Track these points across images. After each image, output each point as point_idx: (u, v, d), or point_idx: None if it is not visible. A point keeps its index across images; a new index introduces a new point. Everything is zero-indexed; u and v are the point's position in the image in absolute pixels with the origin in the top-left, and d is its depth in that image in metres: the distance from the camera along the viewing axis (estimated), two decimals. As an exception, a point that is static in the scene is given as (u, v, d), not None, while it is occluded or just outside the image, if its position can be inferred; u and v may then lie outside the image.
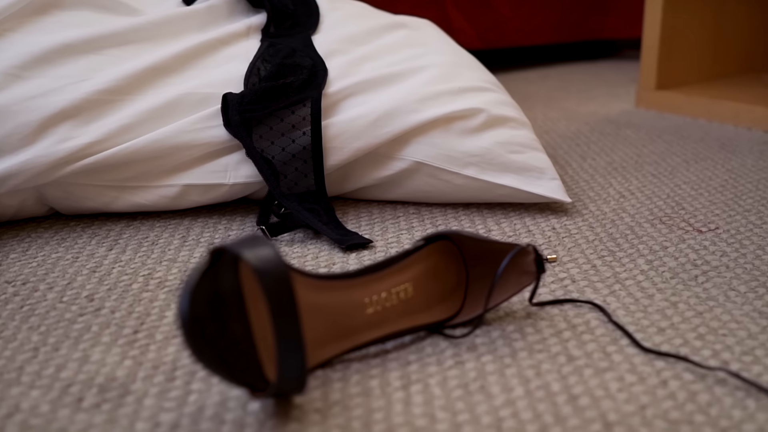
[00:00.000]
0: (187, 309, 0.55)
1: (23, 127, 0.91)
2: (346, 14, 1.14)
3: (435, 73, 1.03)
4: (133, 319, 0.75)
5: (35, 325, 0.74)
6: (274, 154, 0.95)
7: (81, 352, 0.70)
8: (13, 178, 0.91)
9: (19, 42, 0.95)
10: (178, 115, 0.96)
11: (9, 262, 0.87)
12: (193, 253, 0.89)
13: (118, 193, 0.97)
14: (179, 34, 1.03)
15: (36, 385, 0.65)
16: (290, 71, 0.99)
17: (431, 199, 1.01)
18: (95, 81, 0.95)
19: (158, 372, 0.66)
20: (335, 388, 0.64)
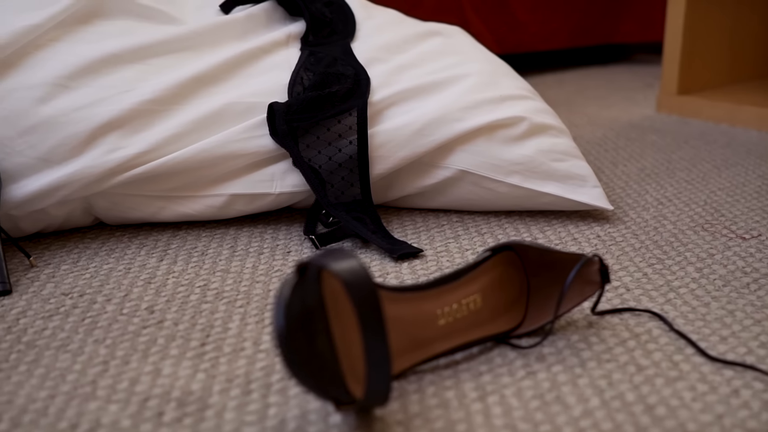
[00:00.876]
0: (283, 324, 0.55)
1: (72, 138, 0.91)
2: (380, 22, 1.14)
3: (475, 82, 1.03)
4: (198, 332, 0.75)
5: (100, 338, 0.74)
6: (320, 163, 0.95)
7: (152, 366, 0.70)
8: (62, 188, 0.91)
9: (65, 52, 0.95)
10: (224, 125, 0.96)
11: (62, 273, 0.87)
12: (244, 264, 0.89)
13: (165, 203, 0.97)
14: (220, 42, 1.03)
15: (113, 400, 0.65)
16: (334, 80, 0.99)
17: (473, 207, 1.02)
18: (141, 91, 0.95)
19: (233, 385, 0.67)
20: (413, 400, 0.65)
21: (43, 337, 0.74)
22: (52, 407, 0.64)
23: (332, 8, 1.12)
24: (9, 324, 0.77)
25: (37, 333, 0.75)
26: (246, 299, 0.81)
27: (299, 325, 0.57)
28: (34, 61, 0.94)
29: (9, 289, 0.83)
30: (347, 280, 0.57)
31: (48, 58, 0.95)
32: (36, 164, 0.91)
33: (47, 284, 0.85)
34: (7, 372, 0.69)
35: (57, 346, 0.73)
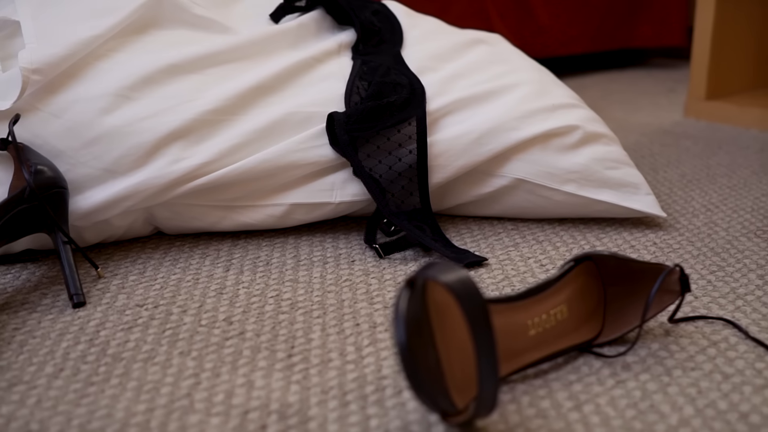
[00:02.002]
0: (404, 338, 0.56)
1: (136, 149, 0.92)
2: (425, 31, 1.15)
3: (528, 91, 1.04)
4: (281, 343, 0.76)
5: (186, 350, 0.75)
6: (381, 172, 0.96)
7: (243, 378, 0.70)
8: (127, 199, 0.91)
9: (126, 62, 0.96)
10: (284, 135, 0.97)
11: (131, 284, 0.88)
12: (312, 273, 0.89)
13: (226, 212, 0.97)
14: (274, 52, 1.04)
15: (212, 413, 0.66)
16: (391, 90, 1.00)
17: (527, 214, 1.03)
18: (202, 101, 0.95)
19: (329, 397, 0.67)
20: (510, 411, 0.66)
21: (128, 349, 0.75)
22: (153, 421, 0.64)
23: (379, 17, 1.13)
24: (90, 336, 0.77)
25: (120, 345, 0.75)
26: (322, 309, 0.82)
27: (415, 338, 0.58)
28: (94, 72, 0.94)
29: (84, 300, 0.83)
30: (459, 292, 0.58)
31: (109, 68, 0.95)
32: (101, 175, 0.91)
33: (119, 295, 0.85)
34: (100, 385, 0.69)
35: (144, 359, 0.73)
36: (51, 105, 0.92)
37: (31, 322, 0.80)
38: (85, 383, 0.69)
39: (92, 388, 0.69)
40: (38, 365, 0.72)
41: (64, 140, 0.91)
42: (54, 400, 0.67)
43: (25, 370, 0.72)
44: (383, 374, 0.70)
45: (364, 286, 0.86)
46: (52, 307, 0.83)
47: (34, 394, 0.68)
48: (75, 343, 0.76)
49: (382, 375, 0.70)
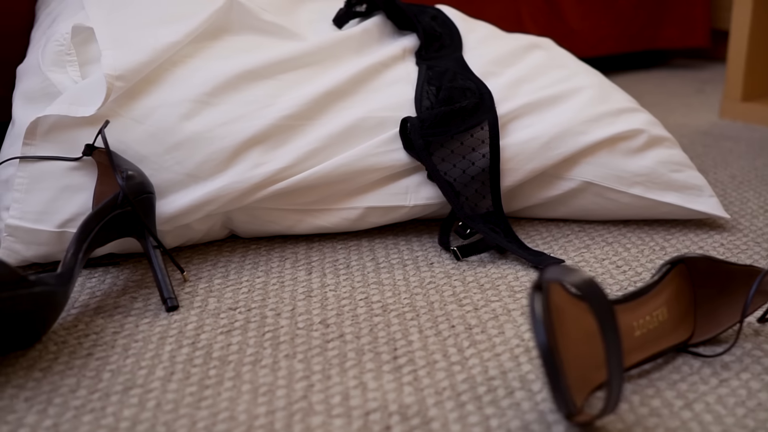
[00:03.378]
0: (545, 340, 0.57)
1: (218, 154, 0.93)
2: (481, 35, 1.16)
3: (592, 95, 1.06)
4: (383, 345, 0.77)
5: (290, 353, 0.76)
6: (455, 176, 0.98)
7: (355, 380, 0.71)
8: (210, 203, 0.92)
9: (202, 68, 0.97)
10: (358, 139, 0.98)
11: (218, 287, 0.89)
12: (394, 276, 0.91)
13: (302, 216, 0.98)
14: (341, 57, 1.05)
15: (333, 414, 0.67)
16: (460, 94, 1.01)
17: (593, 216, 1.05)
18: (279, 106, 0.96)
19: (444, 398, 0.69)
20: (624, 410, 0.67)
21: (232, 352, 0.76)
22: (277, 423, 0.66)
23: (438, 22, 1.14)
24: (192, 340, 0.78)
25: (223, 348, 0.77)
26: (414, 312, 0.83)
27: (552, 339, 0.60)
28: (173, 78, 0.95)
29: (177, 304, 0.84)
30: (588, 293, 0.59)
31: (186, 74, 0.96)
32: (184, 180, 0.92)
33: (209, 299, 0.86)
34: (215, 388, 0.70)
35: (251, 362, 0.74)
36: (133, 111, 0.93)
37: (129, 325, 0.81)
38: (199, 386, 0.71)
39: (208, 391, 0.70)
40: (148, 369, 0.73)
41: (148, 146, 0.92)
42: (173, 403, 0.68)
43: (136, 373, 0.73)
44: (491, 375, 0.72)
45: (449, 289, 0.88)
46: (146, 311, 0.84)
47: (152, 397, 0.69)
48: (179, 347, 0.77)
49: (490, 376, 0.72)
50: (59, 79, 0.94)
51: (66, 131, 0.92)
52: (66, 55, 0.95)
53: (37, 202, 0.91)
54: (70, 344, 0.78)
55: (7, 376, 0.73)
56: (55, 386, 0.71)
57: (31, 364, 0.74)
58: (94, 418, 0.67)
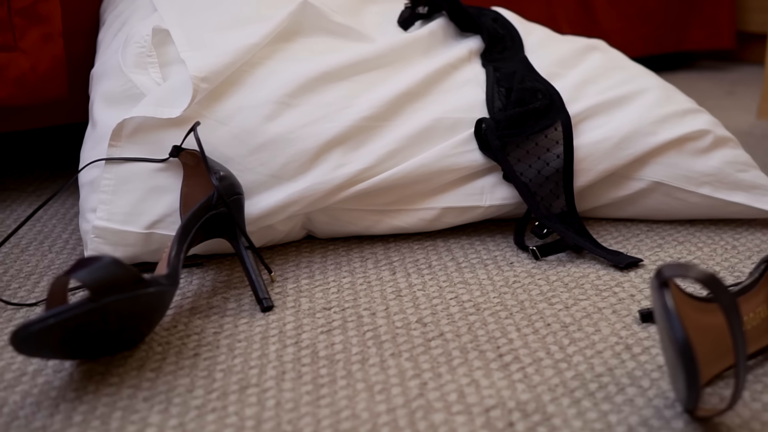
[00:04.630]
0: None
1: (301, 155, 0.94)
2: (539, 37, 1.17)
3: (657, 96, 1.07)
4: (485, 343, 0.78)
5: (396, 352, 0.77)
6: (530, 176, 0.99)
7: (466, 377, 0.73)
8: (294, 204, 0.93)
9: (280, 70, 0.97)
10: (434, 140, 0.99)
11: (306, 287, 0.90)
12: (478, 275, 0.92)
13: (380, 216, 0.99)
14: (410, 59, 1.06)
15: (453, 412, 0.68)
16: (531, 96, 1.03)
17: (661, 216, 1.06)
18: (357, 108, 0.97)
19: (558, 395, 0.70)
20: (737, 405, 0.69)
21: (337, 351, 0.77)
22: (401, 420, 0.67)
23: (499, 24, 1.16)
24: (294, 339, 0.79)
25: (328, 348, 0.78)
26: (506, 310, 0.84)
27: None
28: (252, 80, 0.96)
29: (272, 304, 0.85)
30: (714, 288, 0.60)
31: (265, 76, 0.97)
32: (268, 181, 0.93)
33: (300, 299, 0.87)
34: (330, 387, 0.71)
35: (358, 360, 0.75)
36: (216, 112, 0.93)
37: (228, 325, 0.82)
38: (314, 385, 0.71)
39: (324, 389, 0.71)
40: (259, 368, 0.74)
41: (232, 147, 0.93)
42: (292, 402, 0.69)
43: (247, 373, 0.74)
44: (598, 372, 0.73)
45: (535, 288, 0.89)
46: (241, 311, 0.85)
47: (270, 396, 0.70)
48: (283, 346, 0.78)
49: (598, 373, 0.73)
50: (142, 80, 0.95)
51: (151, 133, 0.92)
52: (147, 57, 0.96)
53: (125, 204, 0.91)
54: (174, 345, 0.79)
55: (120, 377, 0.73)
56: (170, 386, 0.72)
57: (141, 365, 0.75)
58: (218, 417, 0.67)
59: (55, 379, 0.73)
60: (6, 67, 1.06)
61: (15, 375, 0.74)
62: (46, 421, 0.67)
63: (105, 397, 0.70)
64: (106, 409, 0.69)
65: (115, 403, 0.70)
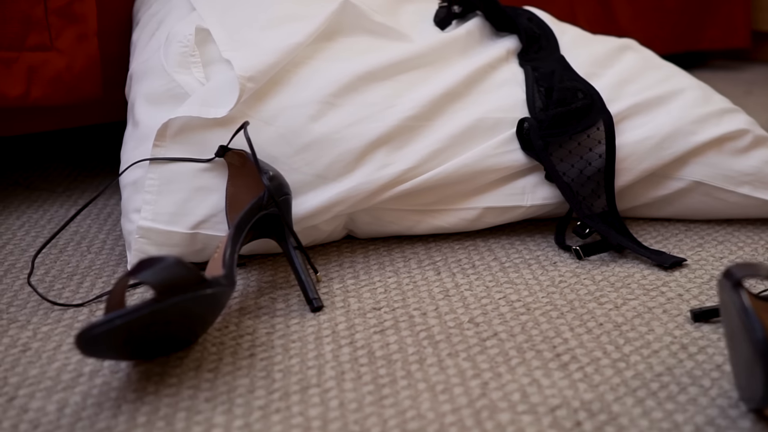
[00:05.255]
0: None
1: (346, 155, 0.94)
2: (573, 37, 1.17)
3: (695, 95, 1.08)
4: (541, 343, 0.78)
5: (452, 352, 0.77)
6: (573, 176, 0.99)
7: (526, 377, 0.72)
8: (339, 204, 0.93)
9: (324, 70, 0.97)
10: (476, 140, 0.99)
11: (352, 287, 0.89)
12: (522, 275, 0.92)
13: (421, 216, 0.99)
14: (449, 59, 1.06)
15: (519, 411, 0.68)
16: (572, 95, 1.03)
17: (699, 216, 1.06)
18: (400, 108, 0.97)
19: (621, 394, 0.70)
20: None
21: (393, 351, 0.77)
22: (467, 420, 0.67)
23: (534, 23, 1.16)
24: (348, 339, 0.79)
25: (383, 348, 0.77)
26: (556, 310, 0.84)
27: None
28: (297, 79, 0.96)
29: (322, 304, 0.85)
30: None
31: (309, 76, 0.96)
32: (313, 181, 0.93)
33: (349, 299, 0.87)
34: (391, 387, 0.71)
35: (416, 360, 0.75)
36: (261, 112, 0.93)
37: (279, 326, 0.82)
38: (375, 385, 0.71)
39: (385, 390, 0.71)
40: (317, 368, 0.74)
41: (278, 147, 0.92)
42: (356, 402, 0.69)
43: (306, 373, 0.73)
44: (657, 372, 0.73)
45: (582, 287, 0.89)
46: (290, 311, 0.84)
47: (332, 396, 0.70)
48: (338, 347, 0.78)
49: (657, 372, 0.73)
50: (185, 80, 0.94)
51: (195, 133, 0.92)
52: (190, 56, 0.96)
53: (170, 204, 0.91)
54: (228, 345, 0.78)
55: (179, 377, 0.73)
56: (231, 386, 0.71)
57: (198, 365, 0.75)
58: (283, 418, 0.67)
59: (113, 379, 0.73)
60: (42, 67, 1.06)
61: (72, 376, 0.73)
62: (110, 422, 0.67)
63: (166, 397, 0.70)
64: (168, 410, 0.68)
65: (177, 403, 0.69)
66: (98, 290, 0.90)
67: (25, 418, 0.68)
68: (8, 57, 1.04)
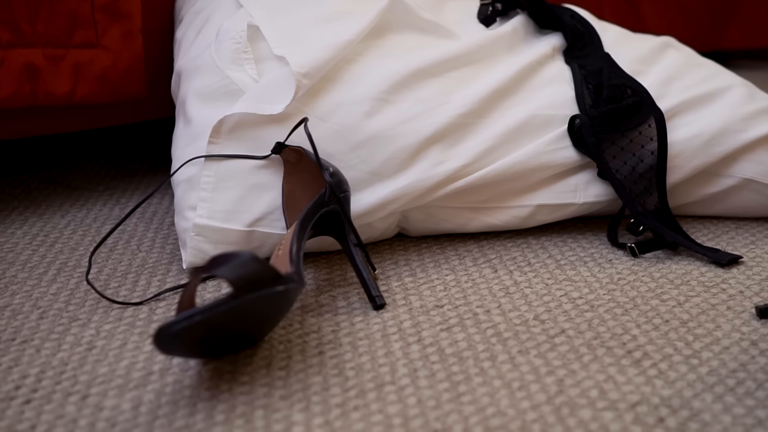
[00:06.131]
0: None
1: (401, 152, 0.93)
2: (615, 35, 1.17)
3: (741, 93, 1.07)
4: (610, 340, 0.77)
5: (522, 349, 0.76)
6: (625, 173, 0.99)
7: (600, 374, 0.72)
8: (395, 202, 0.93)
9: (376, 66, 0.97)
10: (528, 137, 0.99)
11: (411, 285, 0.89)
12: (580, 272, 0.91)
13: (474, 214, 0.99)
14: (496, 56, 1.06)
15: (599, 407, 0.67)
16: (621, 93, 1.02)
17: (749, 213, 1.06)
18: (453, 105, 0.97)
19: (698, 390, 0.69)
20: None
21: (463, 348, 0.76)
22: (549, 417, 0.66)
23: (576, 21, 1.15)
24: (416, 337, 0.78)
25: (452, 345, 0.77)
26: (620, 307, 0.84)
27: None
28: (349, 76, 0.95)
29: (384, 302, 0.84)
30: None
31: (362, 72, 0.96)
32: (368, 178, 0.93)
33: (409, 297, 0.86)
34: (467, 384, 0.71)
35: (487, 357, 0.75)
36: (316, 109, 0.93)
37: (344, 323, 0.81)
38: (450, 383, 0.71)
39: (461, 387, 0.70)
40: (389, 366, 0.73)
41: (333, 144, 0.92)
42: (434, 399, 0.68)
43: (378, 371, 0.73)
44: (731, 368, 0.73)
45: (642, 285, 0.89)
46: (352, 309, 0.84)
47: (409, 393, 0.69)
48: (406, 344, 0.77)
49: (731, 369, 0.73)
50: (239, 76, 0.94)
51: (250, 129, 0.91)
52: (243, 53, 0.95)
53: (226, 201, 0.90)
54: (295, 343, 0.78)
55: (251, 375, 0.72)
56: (305, 384, 0.71)
57: (268, 363, 0.74)
58: (363, 416, 0.67)
59: (184, 377, 0.72)
60: (88, 65, 1.05)
61: (142, 374, 0.73)
62: (188, 420, 0.66)
63: (241, 395, 0.69)
64: (245, 408, 0.68)
65: (253, 401, 0.69)
66: (154, 288, 0.89)
67: (101, 416, 0.67)
68: (55, 54, 1.03)
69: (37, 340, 0.79)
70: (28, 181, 1.23)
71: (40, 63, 1.02)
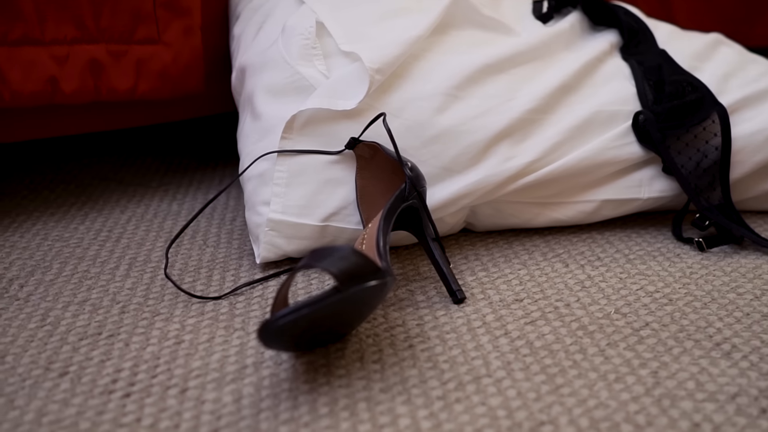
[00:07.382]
0: None
1: (472, 147, 0.93)
2: (666, 32, 1.18)
3: (798, 88, 1.08)
4: (695, 333, 0.78)
5: (611, 342, 0.76)
6: (690, 168, 0.99)
7: (694, 366, 0.72)
8: (466, 197, 0.93)
9: (443, 62, 0.97)
10: (593, 133, 0.99)
11: (486, 279, 0.89)
12: (651, 267, 0.92)
13: (540, 209, 0.99)
14: (555, 53, 1.06)
15: (699, 399, 0.68)
16: (682, 89, 1.03)
17: (807, 208, 1.07)
18: (520, 100, 0.97)
19: (794, 382, 0.70)
20: None
21: (551, 341, 0.76)
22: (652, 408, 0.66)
23: (630, 18, 1.16)
24: (502, 330, 0.79)
25: (539, 338, 0.77)
26: (698, 300, 0.84)
27: None
28: (417, 72, 0.96)
29: (465, 296, 0.84)
30: None
31: (430, 68, 0.96)
32: (440, 173, 0.93)
33: (487, 291, 0.87)
34: (563, 376, 0.71)
35: (578, 350, 0.75)
36: (387, 104, 0.93)
37: (427, 317, 0.81)
38: (546, 375, 0.71)
39: (558, 379, 0.71)
40: (481, 359, 0.74)
41: (405, 139, 0.92)
42: (533, 392, 0.69)
43: (471, 363, 0.73)
44: (821, 360, 0.74)
45: (715, 278, 0.89)
46: (432, 303, 0.84)
47: (507, 386, 0.70)
48: (494, 337, 0.77)
49: (822, 361, 0.74)
50: (309, 72, 0.94)
51: (322, 125, 0.92)
52: (312, 49, 0.95)
53: (299, 196, 0.91)
54: (383, 336, 0.78)
55: (346, 369, 0.73)
56: (402, 377, 0.71)
57: (361, 356, 0.74)
58: (466, 408, 0.67)
59: (279, 371, 0.72)
60: (150, 60, 1.05)
61: (236, 367, 0.73)
62: (292, 413, 0.66)
63: (340, 388, 0.70)
64: (348, 401, 0.68)
65: (353, 394, 0.69)
66: (230, 283, 0.89)
67: (204, 409, 0.67)
68: (118, 50, 1.03)
69: (123, 335, 0.79)
70: (80, 176, 1.23)
71: (104, 59, 1.03)
